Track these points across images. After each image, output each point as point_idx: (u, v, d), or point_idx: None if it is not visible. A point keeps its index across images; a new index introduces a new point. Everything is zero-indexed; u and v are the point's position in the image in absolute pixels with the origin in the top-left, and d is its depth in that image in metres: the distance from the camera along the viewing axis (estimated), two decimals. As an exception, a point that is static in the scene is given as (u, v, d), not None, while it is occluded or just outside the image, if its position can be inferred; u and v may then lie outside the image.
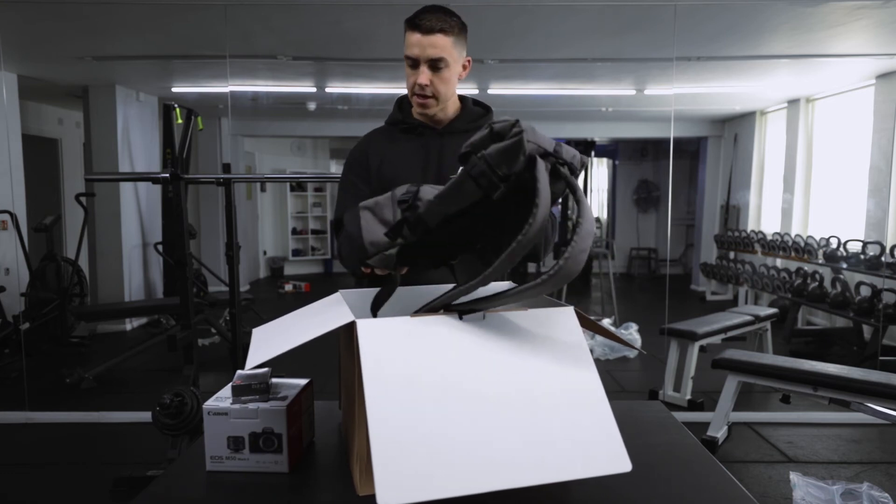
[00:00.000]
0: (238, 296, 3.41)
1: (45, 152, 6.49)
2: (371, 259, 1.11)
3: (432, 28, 1.41)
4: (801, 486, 2.41)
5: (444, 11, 1.44)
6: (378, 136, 1.61)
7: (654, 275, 10.19)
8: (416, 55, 1.43)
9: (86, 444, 3.37)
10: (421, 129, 1.55)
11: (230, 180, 3.33)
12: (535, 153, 0.87)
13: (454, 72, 1.48)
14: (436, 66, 1.43)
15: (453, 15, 1.45)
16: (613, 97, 6.70)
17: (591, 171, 9.44)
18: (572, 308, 1.03)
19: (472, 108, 1.59)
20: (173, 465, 1.16)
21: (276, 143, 9.63)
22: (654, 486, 1.02)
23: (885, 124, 4.97)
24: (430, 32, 1.41)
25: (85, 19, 3.87)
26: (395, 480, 0.77)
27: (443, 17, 1.42)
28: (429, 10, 1.44)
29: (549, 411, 0.88)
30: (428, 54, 1.42)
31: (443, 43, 1.42)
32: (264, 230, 9.56)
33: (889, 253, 4.77)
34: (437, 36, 1.41)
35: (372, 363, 0.88)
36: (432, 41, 1.41)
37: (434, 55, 1.42)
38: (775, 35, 4.18)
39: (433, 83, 1.45)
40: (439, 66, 1.43)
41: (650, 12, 3.69)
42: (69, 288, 5.31)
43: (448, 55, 1.43)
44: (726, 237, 7.20)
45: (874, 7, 3.56)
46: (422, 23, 1.41)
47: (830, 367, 2.91)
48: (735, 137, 7.71)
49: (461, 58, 1.48)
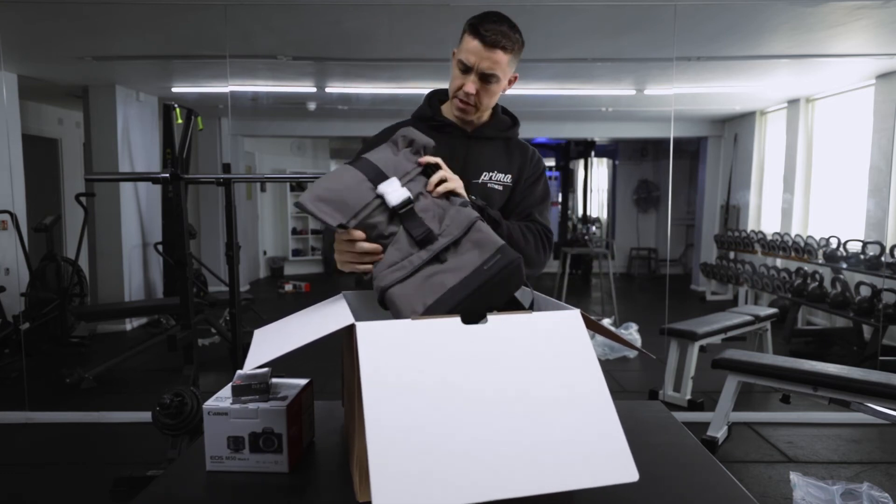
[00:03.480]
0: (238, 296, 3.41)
1: (45, 152, 6.49)
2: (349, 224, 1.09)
3: (496, 43, 1.35)
4: (801, 486, 2.41)
5: (509, 25, 1.38)
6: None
7: (654, 275, 10.19)
8: (471, 63, 1.38)
9: (86, 444, 3.37)
10: (450, 128, 1.52)
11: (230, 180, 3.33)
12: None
13: (502, 87, 1.45)
14: (487, 79, 1.39)
15: (517, 30, 1.40)
16: (613, 97, 6.70)
17: (591, 171, 9.45)
18: (578, 311, 1.00)
19: (501, 117, 1.57)
20: (173, 465, 1.16)
21: (276, 143, 9.63)
22: (654, 486, 1.02)
23: (885, 124, 4.97)
24: (492, 46, 1.35)
25: (85, 19, 3.87)
26: (393, 489, 0.76)
27: (507, 31, 1.36)
28: (494, 19, 1.37)
29: (553, 419, 0.87)
30: (482, 67, 1.37)
31: (501, 59, 1.37)
32: (264, 230, 9.56)
33: (889, 253, 4.77)
34: (497, 52, 1.36)
35: (371, 367, 0.86)
36: (491, 56, 1.36)
37: (488, 70, 1.37)
38: (775, 35, 4.18)
39: (479, 94, 1.41)
40: (490, 81, 1.40)
41: (650, 12, 3.69)
42: (69, 288, 5.31)
43: (502, 72, 1.39)
44: (726, 237, 7.20)
45: (874, 7, 3.56)
46: (487, 35, 1.35)
47: (830, 367, 2.91)
48: (735, 137, 7.71)
49: (510, 73, 1.44)
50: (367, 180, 1.11)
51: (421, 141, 1.21)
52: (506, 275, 1.04)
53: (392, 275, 1.05)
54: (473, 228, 1.09)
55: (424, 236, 1.07)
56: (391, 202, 1.09)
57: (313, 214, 1.08)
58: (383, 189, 1.10)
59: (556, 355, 0.94)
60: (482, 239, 1.07)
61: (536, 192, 1.55)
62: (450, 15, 3.52)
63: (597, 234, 8.82)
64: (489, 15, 1.38)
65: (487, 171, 1.50)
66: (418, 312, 0.99)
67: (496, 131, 1.55)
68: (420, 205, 1.11)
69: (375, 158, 1.17)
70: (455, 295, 1.01)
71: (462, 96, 1.42)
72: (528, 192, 1.54)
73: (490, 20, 1.36)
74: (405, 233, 1.08)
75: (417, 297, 1.01)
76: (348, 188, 1.11)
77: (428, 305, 1.00)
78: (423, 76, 5.39)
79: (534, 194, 1.54)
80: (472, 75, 1.39)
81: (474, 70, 1.38)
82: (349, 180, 1.12)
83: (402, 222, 1.09)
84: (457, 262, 1.04)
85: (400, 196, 1.09)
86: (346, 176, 1.13)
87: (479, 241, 1.07)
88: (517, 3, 3.47)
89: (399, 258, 1.07)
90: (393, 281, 1.04)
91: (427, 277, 1.04)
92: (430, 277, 1.03)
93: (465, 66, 1.39)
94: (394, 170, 1.14)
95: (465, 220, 1.10)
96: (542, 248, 1.47)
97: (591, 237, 8.15)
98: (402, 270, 1.05)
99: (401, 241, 1.08)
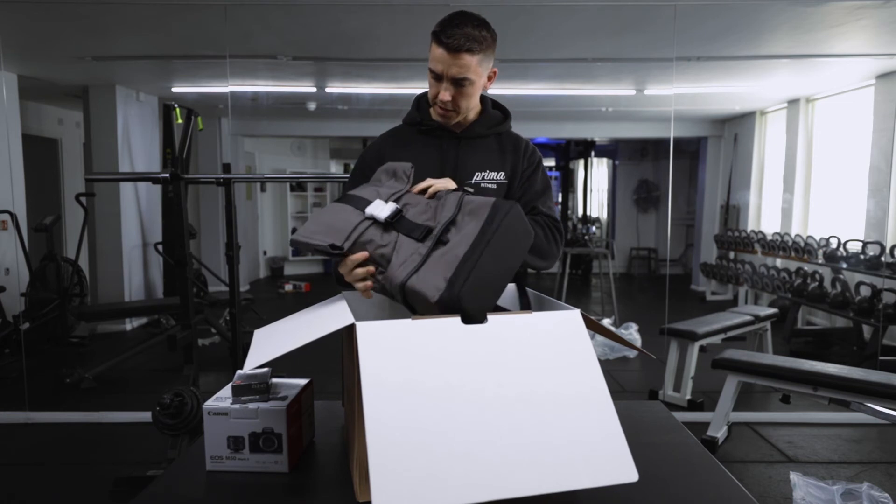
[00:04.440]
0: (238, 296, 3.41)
1: (45, 152, 6.49)
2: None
3: (459, 48, 1.32)
4: (801, 486, 2.41)
5: (473, 24, 1.35)
6: (395, 137, 1.57)
7: (654, 275, 10.19)
8: (439, 71, 1.37)
9: (86, 444, 3.37)
10: (439, 131, 1.51)
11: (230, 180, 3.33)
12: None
13: (479, 87, 1.43)
14: (459, 84, 1.38)
15: (482, 27, 1.37)
16: (613, 97, 6.70)
17: (591, 171, 9.45)
18: (579, 312, 1.00)
19: (491, 113, 1.55)
20: (173, 465, 1.16)
21: (276, 143, 9.63)
22: (654, 486, 1.02)
23: (885, 124, 4.97)
24: (456, 52, 1.33)
25: (85, 19, 3.87)
26: (393, 489, 0.76)
27: (472, 32, 1.33)
28: (456, 23, 1.34)
29: (553, 419, 0.87)
30: (451, 73, 1.36)
31: (468, 62, 1.34)
32: (264, 230, 9.56)
33: (889, 253, 4.77)
34: (463, 56, 1.33)
35: (371, 367, 0.86)
36: (457, 62, 1.34)
37: (458, 75, 1.36)
38: (775, 35, 4.18)
39: (455, 99, 1.41)
40: (463, 84, 1.38)
41: (650, 12, 3.69)
42: (69, 288, 5.31)
43: (473, 74, 1.37)
44: (726, 237, 7.20)
45: (874, 7, 3.56)
46: (450, 41, 1.32)
47: (830, 367, 2.91)
48: (735, 137, 7.71)
49: (487, 70, 1.42)
50: (355, 210, 1.16)
51: (400, 168, 1.26)
52: (509, 222, 1.04)
53: (404, 270, 1.05)
54: (464, 203, 1.10)
55: (424, 233, 1.08)
56: (381, 216, 1.11)
57: (308, 244, 1.12)
58: (371, 210, 1.13)
59: (556, 355, 0.93)
60: (475, 207, 1.08)
61: (536, 184, 1.53)
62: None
63: (597, 234, 8.81)
64: (452, 18, 1.35)
65: (480, 171, 1.49)
66: (441, 289, 0.97)
67: (486, 128, 1.53)
68: (412, 212, 1.14)
69: (360, 192, 1.21)
70: (470, 260, 0.99)
71: (440, 105, 1.42)
72: (528, 185, 1.52)
73: (452, 25, 1.33)
74: (405, 237, 1.10)
75: (436, 276, 1.00)
76: (338, 218, 1.15)
77: (448, 279, 0.98)
78: (423, 76, 5.35)
79: (533, 187, 1.52)
80: (444, 83, 1.38)
81: (445, 78, 1.37)
82: (338, 211, 1.17)
83: (398, 230, 1.11)
84: (460, 237, 1.04)
85: (389, 209, 1.12)
86: (334, 209, 1.19)
87: (473, 210, 1.08)
88: (517, 3, 3.47)
89: (407, 255, 1.07)
90: (408, 274, 1.04)
91: (439, 258, 1.03)
92: (443, 257, 1.03)
93: (436, 74, 1.39)
94: (377, 196, 1.18)
95: (454, 200, 1.12)
96: (553, 240, 1.45)
97: (591, 237, 8.15)
98: (412, 263, 1.05)
99: (403, 245, 1.09)
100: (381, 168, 1.30)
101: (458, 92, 1.40)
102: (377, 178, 1.29)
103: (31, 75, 5.14)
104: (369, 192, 1.20)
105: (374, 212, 1.13)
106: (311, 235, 1.13)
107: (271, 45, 4.50)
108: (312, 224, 1.17)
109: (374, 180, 1.29)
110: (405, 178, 1.24)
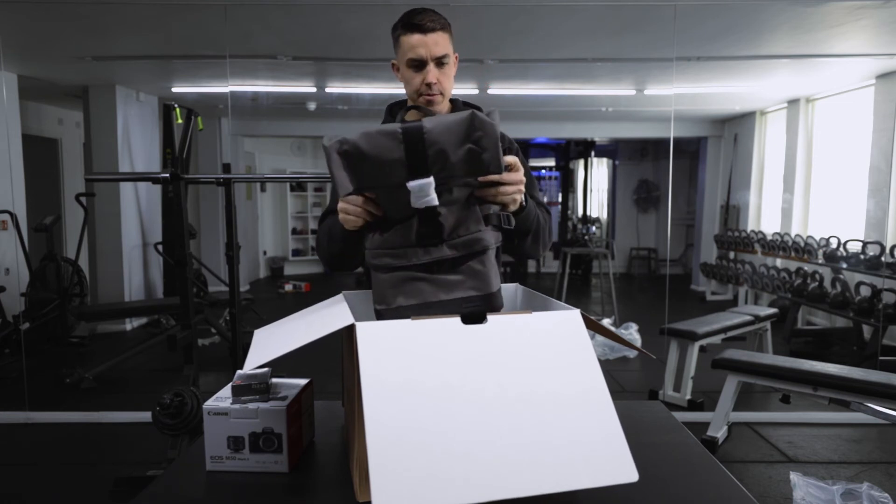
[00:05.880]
0: (238, 296, 3.41)
1: (45, 152, 6.49)
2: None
3: (434, 27, 1.43)
4: (801, 486, 2.41)
5: (433, 11, 1.48)
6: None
7: (654, 275, 10.19)
8: (422, 55, 1.44)
9: (86, 444, 3.37)
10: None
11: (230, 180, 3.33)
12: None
13: (454, 67, 1.52)
14: (441, 62, 1.46)
15: (438, 12, 1.50)
16: (613, 97, 6.70)
17: (591, 171, 9.45)
18: (578, 312, 1.00)
19: (462, 108, 1.59)
20: (173, 465, 1.16)
21: (276, 143, 9.63)
22: (654, 486, 1.02)
23: (885, 124, 4.97)
24: (431, 31, 1.43)
25: (85, 19, 3.87)
26: (393, 489, 0.76)
27: (435, 16, 1.45)
28: (418, 11, 1.46)
29: (553, 419, 0.87)
30: (434, 52, 1.44)
31: (443, 39, 1.45)
32: (264, 230, 9.57)
33: (889, 253, 4.77)
34: (438, 34, 1.44)
35: (371, 367, 0.86)
36: (435, 39, 1.44)
37: (439, 52, 1.44)
38: (775, 35, 4.18)
39: (440, 81, 1.47)
40: (444, 63, 1.46)
41: (650, 12, 3.69)
42: (69, 288, 5.31)
43: (449, 51, 1.47)
44: (726, 237, 7.20)
45: (874, 7, 3.56)
46: (422, 23, 1.43)
47: (830, 367, 2.91)
48: (735, 137, 7.71)
49: (453, 51, 1.53)
50: (404, 165, 1.01)
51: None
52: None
53: (384, 259, 1.07)
54: (476, 255, 1.06)
55: (428, 238, 1.05)
56: (414, 203, 1.02)
57: (330, 171, 1.03)
58: (414, 185, 1.01)
59: (556, 355, 0.93)
60: (480, 272, 1.06)
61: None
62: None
63: (597, 234, 8.81)
64: (411, 11, 1.45)
65: None
66: (390, 307, 1.05)
67: None
68: (445, 199, 1.04)
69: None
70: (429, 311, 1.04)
71: (425, 91, 1.46)
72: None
73: (415, 14, 1.44)
74: (417, 221, 1.04)
75: (395, 293, 1.06)
76: (379, 163, 1.01)
77: (402, 306, 1.05)
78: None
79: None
80: (428, 66, 1.45)
81: (429, 60, 1.44)
82: (385, 153, 1.01)
83: (419, 215, 1.04)
84: (444, 281, 1.05)
85: (427, 203, 1.02)
86: (385, 144, 1.02)
87: (477, 273, 1.06)
88: (517, 3, 3.47)
89: (399, 243, 1.06)
90: (383, 266, 1.07)
91: (409, 280, 1.05)
92: (413, 282, 1.05)
93: (418, 61, 1.44)
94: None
95: (474, 244, 1.06)
96: (549, 230, 1.50)
97: (591, 237, 8.15)
98: (395, 259, 1.06)
99: (406, 228, 1.05)
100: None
101: (441, 73, 1.46)
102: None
103: (31, 75, 5.14)
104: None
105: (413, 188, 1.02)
106: (338, 171, 1.03)
107: (271, 45, 4.50)
108: (352, 147, 1.02)
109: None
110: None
